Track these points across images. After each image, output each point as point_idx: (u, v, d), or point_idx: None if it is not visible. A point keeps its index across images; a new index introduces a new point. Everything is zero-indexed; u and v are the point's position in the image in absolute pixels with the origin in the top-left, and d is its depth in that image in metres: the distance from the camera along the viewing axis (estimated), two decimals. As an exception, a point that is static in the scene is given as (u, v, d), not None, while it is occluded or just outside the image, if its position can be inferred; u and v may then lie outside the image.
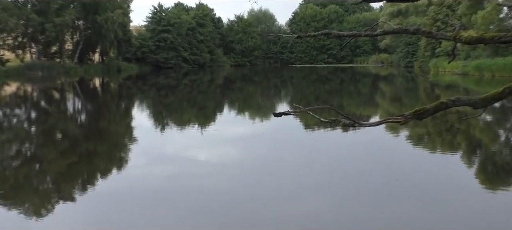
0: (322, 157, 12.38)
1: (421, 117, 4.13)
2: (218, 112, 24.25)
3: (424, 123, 17.14)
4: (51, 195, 9.21)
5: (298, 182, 9.78)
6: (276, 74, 71.88)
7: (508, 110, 23.63)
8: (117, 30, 74.53)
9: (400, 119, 4.05)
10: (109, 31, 72.02)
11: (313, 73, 72.61)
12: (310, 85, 46.81)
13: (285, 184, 9.63)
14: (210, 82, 53.38)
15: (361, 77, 61.76)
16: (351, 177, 10.26)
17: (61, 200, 8.80)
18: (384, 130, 15.96)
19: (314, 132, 16.60)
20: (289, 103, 27.08)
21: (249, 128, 18.03)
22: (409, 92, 37.88)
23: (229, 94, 36.00)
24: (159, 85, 45.79)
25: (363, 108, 25.65)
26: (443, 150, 13.60)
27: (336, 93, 36.53)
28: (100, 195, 9.00)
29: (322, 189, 9.34)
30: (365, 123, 4.31)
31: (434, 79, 54.17)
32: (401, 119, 4.05)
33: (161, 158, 12.16)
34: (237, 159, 12.10)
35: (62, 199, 8.85)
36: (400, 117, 4.07)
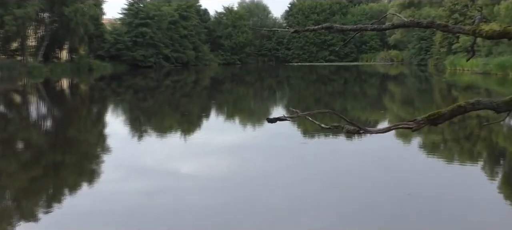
0: (323, 168, 12.37)
1: (436, 122, 4.12)
2: (204, 117, 24.21)
3: (440, 129, 17.18)
4: (11, 214, 9.14)
5: (296, 198, 9.76)
6: (270, 74, 71.93)
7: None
8: (88, 23, 74.39)
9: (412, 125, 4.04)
10: (78, 25, 71.84)
11: (312, 73, 72.72)
12: (310, 87, 46.87)
13: (280, 200, 9.60)
14: (195, 84, 53.32)
15: (368, 77, 61.92)
16: (356, 191, 10.25)
17: (22, 220, 8.73)
18: (393, 138, 15.99)
19: (313, 139, 16.59)
20: (285, 107, 27.08)
21: (240, 135, 18.00)
22: (423, 94, 38.00)
23: (217, 97, 35.96)
24: (136, 87, 45.70)
25: (370, 112, 25.69)
26: (462, 160, 13.63)
27: (339, 96, 36.59)
28: (68, 214, 8.94)
29: (323, 205, 9.32)
30: (372, 130, 4.30)
31: (451, 79, 54.36)
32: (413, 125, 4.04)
33: (139, 171, 12.11)
34: (226, 172, 12.06)
35: (24, 219, 8.78)
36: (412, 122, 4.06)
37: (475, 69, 58.67)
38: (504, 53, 55.89)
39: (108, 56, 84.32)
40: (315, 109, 14.83)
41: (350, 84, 50.65)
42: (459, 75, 59.41)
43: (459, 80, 51.08)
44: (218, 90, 42.78)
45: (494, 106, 4.07)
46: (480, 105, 4.08)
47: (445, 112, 4.09)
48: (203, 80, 59.25)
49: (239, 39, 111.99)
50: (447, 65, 72.65)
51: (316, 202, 9.50)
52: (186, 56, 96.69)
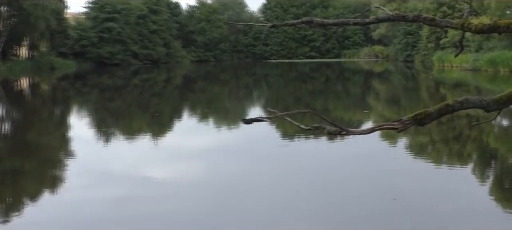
0: (304, 172, 12.38)
1: (423, 122, 4.15)
2: (176, 119, 24.14)
3: (427, 129, 17.29)
4: (-33, 225, 9.04)
5: (274, 204, 9.76)
6: (247, 72, 71.94)
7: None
8: (50, 18, 73.71)
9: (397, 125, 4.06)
10: (39, 19, 71.08)
11: (292, 70, 72.86)
12: (289, 85, 46.97)
13: (258, 207, 9.60)
14: (166, 82, 53.16)
15: (351, 75, 62.21)
16: (339, 196, 10.28)
17: (-21, 231, 8.64)
18: (378, 139, 16.06)
19: (293, 142, 16.63)
20: (262, 108, 27.10)
21: (214, 137, 17.97)
22: (409, 92, 38.27)
23: (190, 97, 35.88)
24: (102, 87, 45.45)
25: (353, 112, 25.80)
26: (450, 162, 13.73)
27: (320, 95, 36.71)
28: (28, 223, 8.85)
29: (304, 210, 9.33)
30: (355, 130, 4.31)
31: (438, 76, 54.82)
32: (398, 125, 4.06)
33: (105, 177, 12.03)
34: (199, 177, 12.04)
35: (-20, 230, 8.69)
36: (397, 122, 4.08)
37: (465, 66, 59.21)
38: (494, 48, 56.36)
39: (71, 54, 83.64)
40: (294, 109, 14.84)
41: (332, 82, 50.85)
42: (448, 72, 59.96)
43: (448, 77, 51.52)
44: (191, 90, 42.69)
45: (484, 105, 4.11)
46: (469, 104, 4.11)
47: (432, 112, 4.11)
48: (174, 79, 59.09)
49: (213, 35, 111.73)
50: (435, 62, 73.26)
51: (296, 207, 9.51)
52: (156, 53, 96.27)
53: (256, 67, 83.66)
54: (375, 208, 9.46)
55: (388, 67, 76.79)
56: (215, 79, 57.47)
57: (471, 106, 4.15)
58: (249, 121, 4.46)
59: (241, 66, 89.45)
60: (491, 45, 57.20)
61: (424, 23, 4.68)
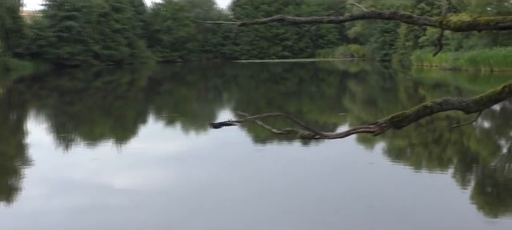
0: (276, 178, 12.38)
1: (400, 124, 4.17)
2: (141, 123, 24.04)
3: (406, 132, 17.41)
4: None
5: (246, 212, 9.75)
6: (216, 73, 71.88)
7: (511, 114, 24.27)
8: (5, 16, 73.08)
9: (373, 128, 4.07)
10: (-7, 18, 70.56)
11: (263, 71, 72.94)
12: (260, 86, 47.00)
13: (228, 216, 9.58)
14: (130, 85, 52.91)
15: (326, 75, 62.47)
16: (313, 203, 10.30)
17: None
18: (354, 143, 16.13)
19: (265, 147, 16.63)
20: (232, 111, 27.10)
21: (182, 143, 17.93)
22: (386, 93, 38.52)
23: (155, 100, 35.75)
24: (62, 89, 45.08)
25: (328, 115, 25.90)
26: (430, 166, 13.82)
27: (293, 97, 36.79)
28: (-18, 237, 8.76)
29: (277, 219, 9.33)
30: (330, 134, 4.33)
31: (417, 76, 55.26)
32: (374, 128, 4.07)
33: (65, 186, 11.93)
34: (165, 185, 11.98)
35: None
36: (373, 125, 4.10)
37: (444, 65, 59.74)
38: (475, 46, 56.87)
39: (28, 54, 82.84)
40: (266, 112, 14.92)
41: (305, 83, 50.98)
42: (427, 71, 60.46)
43: (427, 78, 51.95)
44: (157, 92, 42.54)
45: (464, 106, 4.13)
46: (448, 106, 4.13)
47: (410, 114, 4.13)
48: (139, 81, 58.84)
49: (180, 34, 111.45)
50: (413, 61, 73.79)
51: (268, 216, 9.51)
52: (120, 54, 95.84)
53: (225, 68, 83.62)
54: (351, 216, 9.48)
55: (364, 67, 77.21)
56: (182, 81, 57.34)
57: (451, 108, 4.17)
58: (217, 125, 4.45)
59: (210, 67, 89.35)
60: (472, 44, 57.70)
61: (401, 20, 4.70)
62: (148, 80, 59.60)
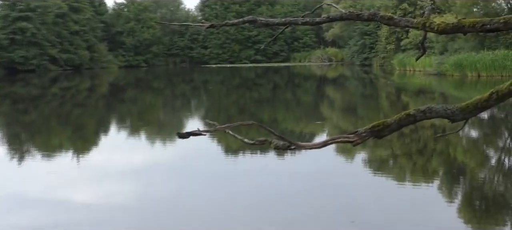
0: (249, 193, 12.37)
1: (381, 134, 4.19)
2: (102, 133, 23.92)
3: (388, 142, 17.51)
4: None
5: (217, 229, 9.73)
6: (183, 78, 71.73)
7: (499, 122, 24.49)
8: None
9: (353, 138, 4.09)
10: None
11: (235, 76, 72.94)
12: (231, 93, 47.00)
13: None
14: (90, 91, 52.63)
15: (302, 81, 62.61)
16: (289, 220, 10.30)
17: None
18: (333, 154, 16.18)
19: (237, 158, 16.63)
20: (201, 119, 27.06)
21: (147, 155, 17.87)
22: (367, 100, 38.68)
23: (118, 108, 35.60)
24: (15, 97, 44.72)
25: (305, 124, 25.95)
26: (414, 179, 13.89)
27: (267, 104, 36.82)
28: None
29: (249, 238, 9.33)
30: (306, 145, 4.34)
31: (400, 81, 55.60)
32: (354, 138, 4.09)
33: (18, 202, 11.83)
34: (129, 200, 11.93)
35: None
36: (353, 135, 4.12)
37: (428, 70, 60.13)
38: (461, 50, 57.07)
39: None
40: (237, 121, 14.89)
41: (280, 89, 51.05)
42: (410, 77, 60.86)
43: (410, 83, 52.28)
44: (119, 99, 42.35)
45: (449, 114, 4.16)
46: (433, 114, 4.16)
47: (391, 123, 4.16)
48: (100, 87, 58.55)
49: (144, 36, 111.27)
50: (396, 65, 74.22)
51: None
52: (78, 58, 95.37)
53: (194, 73, 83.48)
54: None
55: (343, 72, 77.52)
56: (147, 87, 57.15)
57: (435, 116, 4.19)
58: (185, 134, 4.44)
59: (177, 72, 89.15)
60: (457, 47, 57.89)
61: (381, 22, 4.73)
62: (109, 87, 59.33)
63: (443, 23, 4.33)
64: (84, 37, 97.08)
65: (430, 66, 59.74)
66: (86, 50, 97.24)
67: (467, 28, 4.25)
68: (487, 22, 4.13)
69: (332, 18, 4.95)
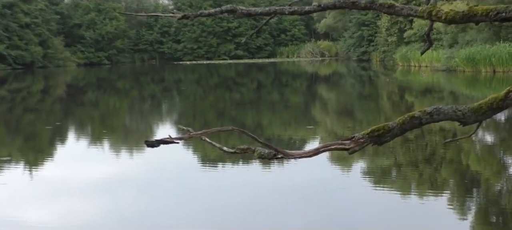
0: (230, 209, 12.37)
1: (382, 140, 4.18)
2: (59, 143, 23.83)
3: (389, 149, 17.54)
4: None
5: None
6: (153, 78, 71.62)
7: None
8: None
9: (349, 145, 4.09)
10: None
11: (212, 75, 72.92)
12: (209, 94, 46.98)
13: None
14: (44, 94, 52.44)
15: (290, 79, 62.63)
16: (277, 240, 10.30)
17: None
18: (326, 163, 16.20)
19: (215, 170, 16.60)
20: (173, 125, 27.02)
21: (110, 167, 17.81)
22: (365, 101, 38.74)
23: (77, 113, 35.49)
24: (-44, 101, 44.55)
25: (294, 129, 25.97)
26: (421, 190, 13.92)
27: (250, 106, 36.82)
28: None
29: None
30: (295, 153, 4.34)
31: (403, 79, 55.72)
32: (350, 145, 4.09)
33: (-38, 223, 11.79)
34: (90, 220, 11.90)
35: None
36: (349, 141, 4.11)
37: (436, 65, 60.29)
38: (473, 42, 56.94)
39: None
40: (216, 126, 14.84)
41: (265, 89, 51.05)
42: (414, 73, 61.02)
43: (415, 81, 52.39)
44: (78, 103, 42.22)
45: (459, 117, 4.15)
46: (441, 116, 4.15)
47: (394, 126, 4.15)
48: (55, 89, 58.36)
49: (107, 29, 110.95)
50: (398, 60, 74.41)
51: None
52: (30, 55, 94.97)
53: (164, 72, 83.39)
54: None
55: (337, 69, 77.65)
56: (110, 89, 57.01)
57: (444, 119, 4.18)
58: (154, 143, 4.43)
59: (145, 71, 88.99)
60: (469, 38, 57.81)
61: (381, 11, 4.71)
62: (67, 88, 59.11)
63: (452, 11, 4.33)
64: (36, 31, 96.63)
65: (437, 61, 59.89)
66: (39, 46, 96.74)
67: (480, 17, 4.23)
68: (503, 9, 4.11)
69: (324, 6, 4.95)
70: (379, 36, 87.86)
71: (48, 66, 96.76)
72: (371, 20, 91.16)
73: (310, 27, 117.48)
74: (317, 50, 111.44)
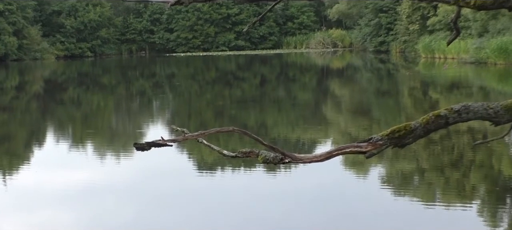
0: (229, 222, 12.37)
1: (403, 142, 4.18)
2: (36, 146, 23.87)
3: (411, 152, 17.52)
4: None
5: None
6: (142, 72, 71.65)
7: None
8: None
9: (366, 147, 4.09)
10: None
11: (210, 68, 72.91)
12: (206, 91, 46.96)
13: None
14: (19, 90, 52.47)
15: (298, 73, 62.61)
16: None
17: None
18: (340, 168, 16.19)
19: (213, 176, 16.61)
20: (166, 126, 27.03)
21: (95, 173, 17.80)
22: (383, 97, 38.71)
23: (56, 112, 35.51)
24: None
25: (303, 129, 25.95)
26: (447, 200, 13.91)
27: (253, 104, 36.81)
28: None
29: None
30: (304, 157, 4.34)
31: (426, 73, 55.68)
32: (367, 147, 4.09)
33: None
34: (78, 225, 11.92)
35: None
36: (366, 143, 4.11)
37: (464, 57, 60.15)
38: (505, 31, 56.73)
39: None
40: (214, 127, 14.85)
41: (270, 85, 51.05)
42: (439, 66, 60.88)
43: (440, 75, 52.30)
44: (58, 101, 42.25)
45: (491, 115, 4.14)
46: (469, 114, 4.15)
47: (416, 127, 4.15)
48: (32, 85, 58.38)
49: (90, 17, 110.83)
50: (421, 51, 74.20)
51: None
52: (3, 46, 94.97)
53: (155, 65, 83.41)
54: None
55: (352, 61, 77.64)
56: (94, 85, 57.01)
57: (473, 118, 4.18)
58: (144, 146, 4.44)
59: (134, 64, 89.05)
60: (501, 27, 57.57)
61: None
62: (45, 84, 59.11)
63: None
64: (10, 19, 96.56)
65: (465, 52, 59.81)
66: (13, 36, 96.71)
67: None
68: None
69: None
70: (399, 24, 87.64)
71: (24, 59, 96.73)
72: (390, 6, 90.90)
73: (320, 14, 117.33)
74: (329, 40, 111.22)
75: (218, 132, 4.62)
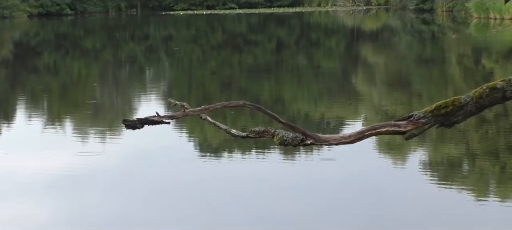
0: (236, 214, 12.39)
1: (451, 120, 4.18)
2: (4, 123, 23.94)
3: (460, 133, 17.50)
4: None
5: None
6: (133, 34, 71.71)
7: None
8: None
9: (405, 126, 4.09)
10: None
11: (215, 30, 72.95)
12: (210, 57, 47.02)
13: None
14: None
15: (322, 36, 62.61)
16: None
17: None
18: (372, 152, 16.19)
19: (219, 161, 16.63)
20: (162, 99, 27.07)
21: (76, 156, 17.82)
22: (426, 67, 38.68)
23: (29, 82, 35.60)
24: None
25: (328, 105, 25.97)
26: (504, 193, 13.88)
27: (267, 75, 36.83)
28: None
29: None
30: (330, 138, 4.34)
31: (479, 36, 55.56)
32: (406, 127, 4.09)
33: None
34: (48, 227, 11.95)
35: None
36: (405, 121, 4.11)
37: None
38: None
39: None
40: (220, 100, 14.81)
41: (288, 50, 51.06)
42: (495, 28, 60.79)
43: (495, 39, 52.23)
44: (31, 68, 42.36)
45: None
46: (532, 87, 4.14)
47: (466, 102, 4.15)
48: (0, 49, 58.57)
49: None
50: (472, 11, 74.08)
51: None
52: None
53: (149, 25, 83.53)
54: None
55: (388, 22, 77.59)
56: (75, 49, 57.13)
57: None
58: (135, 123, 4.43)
59: (122, 24, 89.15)
60: None
61: None
62: (15, 48, 59.30)
63: None
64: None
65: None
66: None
67: None
68: None
69: None
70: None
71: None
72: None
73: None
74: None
75: (225, 106, 4.60)
